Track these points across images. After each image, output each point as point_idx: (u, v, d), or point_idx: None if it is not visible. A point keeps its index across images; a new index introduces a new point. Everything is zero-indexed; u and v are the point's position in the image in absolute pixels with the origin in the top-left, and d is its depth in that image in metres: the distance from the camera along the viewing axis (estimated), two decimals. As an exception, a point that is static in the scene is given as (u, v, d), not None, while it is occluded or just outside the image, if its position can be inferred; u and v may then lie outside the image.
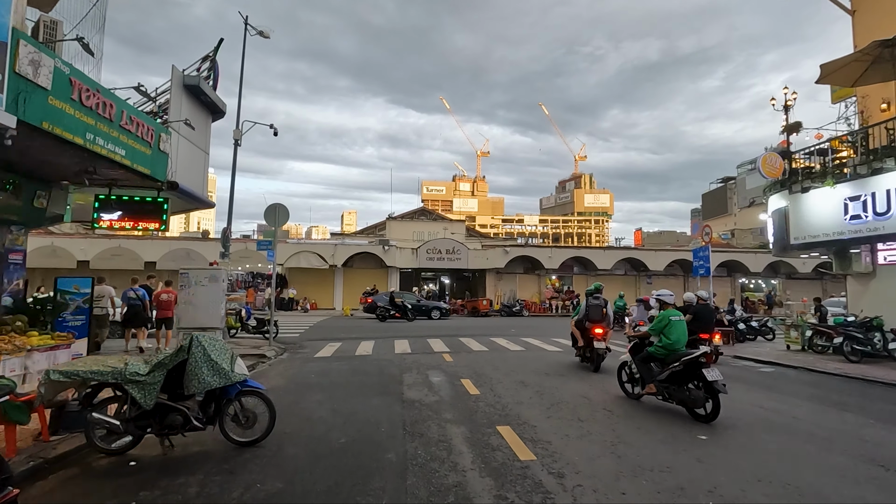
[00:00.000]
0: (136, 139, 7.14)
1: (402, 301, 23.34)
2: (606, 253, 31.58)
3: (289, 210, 13.10)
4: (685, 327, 6.41)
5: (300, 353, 12.09)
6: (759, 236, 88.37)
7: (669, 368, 6.07)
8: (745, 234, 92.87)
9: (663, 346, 6.26)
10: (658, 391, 6.29)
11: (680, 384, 5.99)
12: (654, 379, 6.32)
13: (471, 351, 12.01)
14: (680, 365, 5.93)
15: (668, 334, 6.24)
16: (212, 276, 8.87)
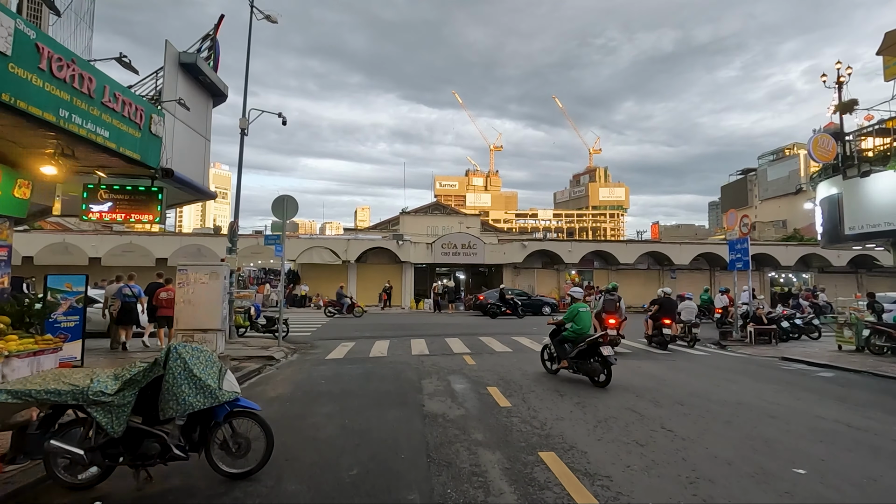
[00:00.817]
0: (122, 119, 6.35)
1: (513, 298, 23.62)
2: (628, 247, 30.35)
3: (297, 202, 12.32)
4: (590, 316, 8.30)
5: (311, 354, 11.32)
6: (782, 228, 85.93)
7: (578, 347, 7.75)
8: (767, 226, 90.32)
9: (574, 331, 7.97)
10: (569, 365, 7.93)
11: (585, 359, 7.67)
12: (567, 356, 7.93)
13: (493, 352, 11.12)
14: (585, 344, 7.63)
15: (577, 322, 8.01)
16: (213, 273, 8.12)
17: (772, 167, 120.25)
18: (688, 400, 6.63)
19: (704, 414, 5.89)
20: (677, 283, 30.71)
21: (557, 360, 8.24)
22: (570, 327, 8.04)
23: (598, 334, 7.70)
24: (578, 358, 7.74)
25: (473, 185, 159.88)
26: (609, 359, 7.36)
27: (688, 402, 6.51)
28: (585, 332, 7.88)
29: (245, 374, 8.56)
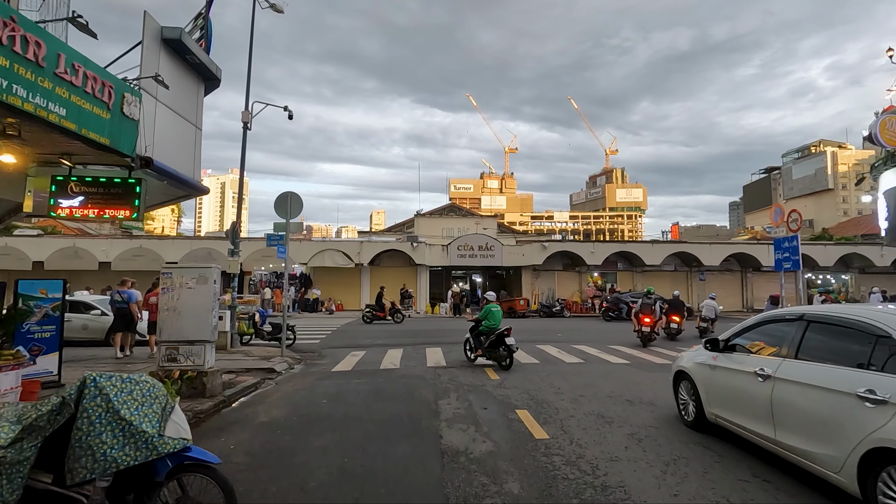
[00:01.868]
0: (84, 96, 5.38)
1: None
2: (654, 247, 28.81)
3: (302, 200, 11.34)
4: (500, 314, 9.88)
5: (316, 365, 10.29)
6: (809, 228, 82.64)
7: (489, 339, 9.37)
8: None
9: (487, 326, 9.61)
10: (483, 354, 9.56)
11: (495, 348, 9.30)
12: (482, 346, 9.55)
13: (518, 364, 9.95)
14: (494, 336, 9.29)
15: (489, 319, 9.63)
16: (200, 276, 7.15)
17: (797, 165, 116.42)
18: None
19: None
20: (706, 285, 29.10)
21: (474, 350, 9.83)
22: (485, 323, 9.69)
23: (503, 328, 9.41)
24: (490, 348, 9.44)
25: (488, 187, 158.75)
26: (511, 347, 9.19)
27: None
28: (496, 327, 9.56)
29: (239, 391, 7.54)
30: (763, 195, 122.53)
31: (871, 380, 3.28)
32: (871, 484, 3.09)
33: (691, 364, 5.57)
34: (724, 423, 4.84)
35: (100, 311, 13.44)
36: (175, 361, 7.07)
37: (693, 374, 5.43)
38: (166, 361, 7.06)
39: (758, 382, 4.21)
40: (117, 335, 11.28)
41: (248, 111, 12.94)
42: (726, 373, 4.82)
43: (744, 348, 4.80)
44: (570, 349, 12.10)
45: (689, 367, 5.57)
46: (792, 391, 3.88)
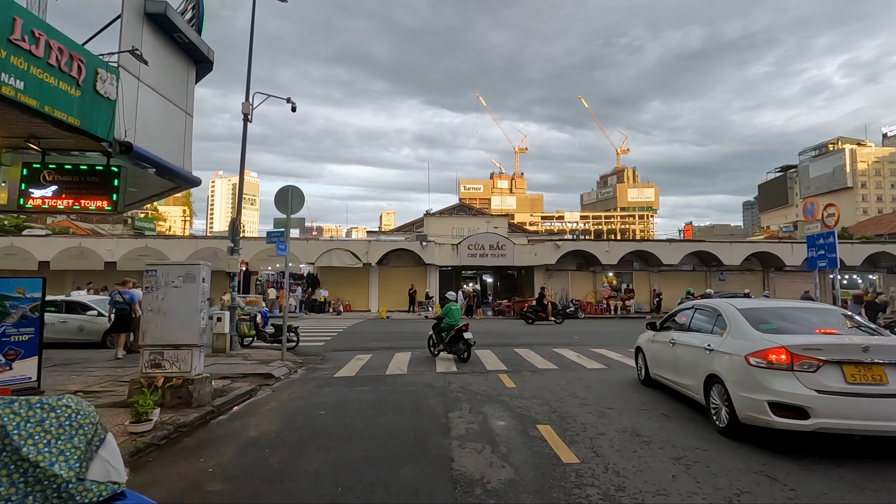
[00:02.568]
0: (47, 69, 4.75)
1: None
2: (672, 246, 27.81)
3: (304, 194, 10.69)
4: (460, 312, 10.60)
5: (318, 370, 9.63)
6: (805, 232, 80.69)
7: (450, 335, 10.11)
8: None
9: (447, 323, 10.30)
10: (445, 348, 10.28)
11: (455, 343, 10.07)
12: (443, 341, 10.29)
13: (535, 369, 9.19)
14: (454, 332, 10.03)
15: (449, 317, 10.32)
16: (188, 275, 6.51)
17: (814, 163, 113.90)
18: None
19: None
20: (726, 286, 28.03)
21: (437, 345, 10.61)
22: (445, 321, 10.41)
23: (462, 324, 10.17)
24: (450, 342, 10.19)
25: (498, 187, 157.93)
26: (469, 341, 9.97)
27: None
28: (455, 324, 10.23)
29: (231, 400, 6.89)
30: (779, 194, 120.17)
31: (709, 339, 5.71)
32: (707, 395, 5.50)
33: (643, 341, 7.91)
34: (658, 377, 7.14)
35: (96, 311, 12.94)
36: (159, 367, 6.43)
37: (643, 348, 7.78)
38: (150, 368, 6.42)
39: (669, 347, 6.68)
40: (119, 336, 10.82)
41: (249, 102, 12.33)
42: (658, 344, 7.18)
43: (667, 328, 7.14)
44: (590, 353, 11.30)
45: (641, 343, 7.97)
46: (682, 350, 6.30)
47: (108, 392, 7.22)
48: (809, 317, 5.48)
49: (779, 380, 4.54)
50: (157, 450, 4.91)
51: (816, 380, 4.44)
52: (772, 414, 4.50)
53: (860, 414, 4.29)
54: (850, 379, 4.40)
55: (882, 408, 4.30)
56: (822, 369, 4.46)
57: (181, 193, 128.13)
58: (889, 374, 4.40)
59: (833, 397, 4.35)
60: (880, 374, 4.40)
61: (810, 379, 4.46)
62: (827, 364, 4.46)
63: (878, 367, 4.42)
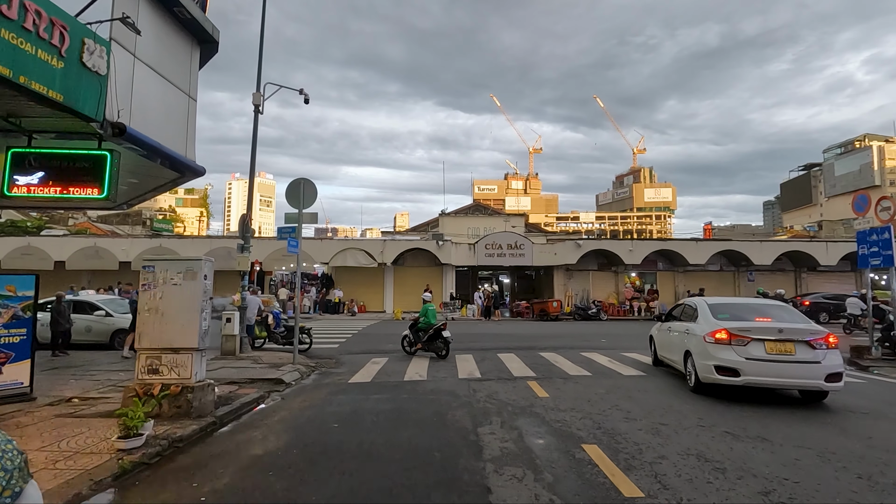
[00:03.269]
0: (23, 34, 4.17)
1: None
2: (699, 245, 26.66)
3: (316, 188, 10.08)
4: (436, 312, 11.20)
5: (332, 375, 8.98)
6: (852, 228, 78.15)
7: (429, 334, 10.58)
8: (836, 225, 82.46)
9: (425, 323, 10.80)
10: (423, 346, 10.69)
11: (433, 341, 10.57)
12: (421, 340, 10.70)
13: (567, 376, 8.40)
14: (433, 331, 10.53)
15: (427, 317, 10.83)
16: (188, 271, 5.90)
17: (839, 161, 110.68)
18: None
19: None
20: (756, 286, 26.78)
21: (414, 344, 10.96)
22: (423, 321, 10.79)
23: (440, 323, 10.60)
24: (429, 341, 10.53)
25: (513, 188, 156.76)
26: (448, 339, 10.46)
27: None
28: (433, 323, 10.62)
29: (235, 409, 6.26)
30: (802, 193, 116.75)
31: (688, 325, 7.59)
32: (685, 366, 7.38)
33: (653, 330, 9.60)
34: (663, 358, 8.90)
35: (104, 311, 12.50)
36: (157, 373, 5.82)
37: (653, 336, 9.50)
38: (146, 374, 5.82)
39: (667, 333, 8.59)
40: (129, 335, 10.38)
41: (260, 93, 11.78)
42: (661, 332, 8.99)
43: (668, 319, 8.86)
44: (623, 358, 10.47)
45: (653, 332, 9.64)
46: (674, 335, 8.17)
47: (105, 399, 6.65)
48: (758, 309, 7.40)
49: (721, 350, 6.53)
50: (147, 469, 4.28)
51: (746, 350, 6.40)
52: (716, 373, 6.51)
53: (774, 373, 6.30)
54: (769, 350, 6.35)
55: (790, 370, 6.31)
56: (750, 343, 6.41)
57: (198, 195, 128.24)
58: (797, 347, 6.32)
59: (756, 362, 6.32)
60: (791, 348, 6.33)
61: (742, 350, 6.41)
62: (753, 340, 6.41)
63: (790, 343, 6.35)
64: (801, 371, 6.23)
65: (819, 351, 6.25)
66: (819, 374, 6.17)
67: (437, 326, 10.52)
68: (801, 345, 6.28)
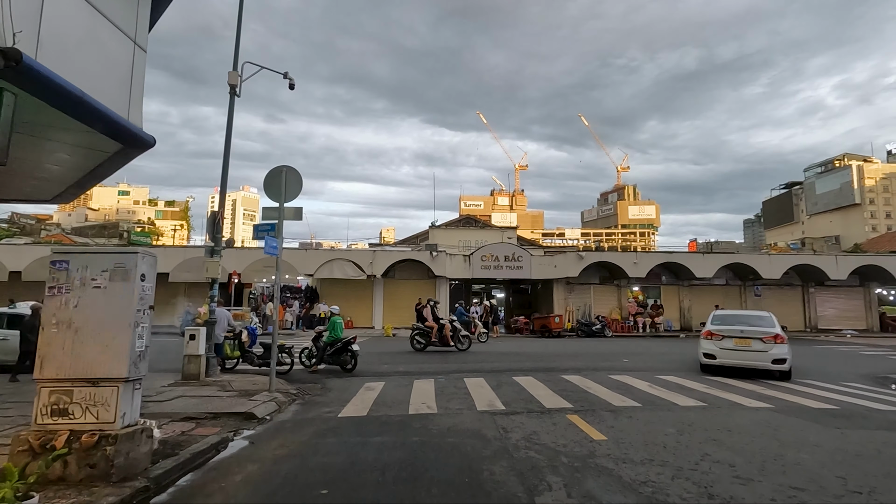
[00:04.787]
0: None
1: None
2: (706, 258, 25.42)
3: (302, 178, 8.42)
4: (342, 325, 11.05)
5: (317, 405, 7.21)
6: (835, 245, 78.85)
7: (335, 347, 10.39)
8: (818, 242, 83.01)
9: (331, 337, 10.54)
10: (326, 360, 10.47)
11: (340, 354, 10.40)
12: (325, 355, 10.46)
13: (612, 408, 6.76)
14: (341, 344, 10.38)
15: (334, 330, 10.58)
16: (117, 268, 4.18)
17: (820, 180, 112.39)
18: None
19: None
20: (762, 301, 25.66)
21: (313, 356, 10.69)
22: (330, 334, 10.52)
23: (350, 337, 10.56)
24: (335, 354, 10.40)
25: (499, 204, 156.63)
26: (356, 353, 10.46)
27: None
28: (339, 337, 10.50)
29: (183, 463, 4.47)
30: (784, 211, 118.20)
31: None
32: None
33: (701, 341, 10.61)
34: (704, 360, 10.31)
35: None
36: (65, 416, 4.03)
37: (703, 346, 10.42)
38: (49, 416, 4.03)
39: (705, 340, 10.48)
40: None
41: (237, 72, 10.14)
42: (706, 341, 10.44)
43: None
44: (663, 382, 8.90)
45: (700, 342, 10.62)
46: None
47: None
48: (742, 319, 10.75)
49: (707, 344, 10.12)
50: None
51: (720, 344, 9.88)
52: (703, 358, 10.11)
53: (736, 358, 9.71)
54: (735, 343, 9.74)
55: (747, 356, 9.64)
56: (723, 339, 9.88)
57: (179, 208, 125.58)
58: (753, 343, 9.58)
59: (726, 350, 9.80)
60: (748, 343, 9.63)
61: (718, 343, 9.91)
62: (725, 338, 9.86)
63: (749, 340, 9.66)
64: (754, 357, 9.58)
65: (768, 345, 9.49)
66: (767, 359, 9.46)
67: (347, 339, 10.40)
68: (756, 341, 9.58)
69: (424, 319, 24.57)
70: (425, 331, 15.23)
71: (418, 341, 15.22)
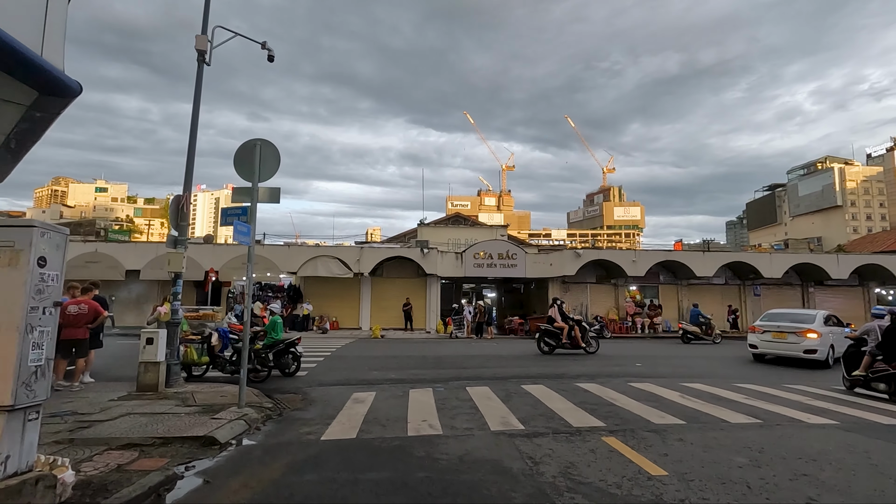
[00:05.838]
0: None
1: None
2: (706, 256, 24.61)
3: (279, 154, 7.16)
4: (283, 326, 10.18)
5: (295, 423, 5.96)
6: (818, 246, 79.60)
7: (277, 348, 9.56)
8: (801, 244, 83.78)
9: (272, 339, 9.61)
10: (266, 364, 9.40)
11: (282, 357, 9.70)
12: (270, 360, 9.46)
13: (654, 427, 5.63)
14: (283, 345, 9.64)
15: (275, 331, 9.68)
16: (3, 246, 2.93)
17: (803, 182, 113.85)
18: None
19: None
20: (762, 301, 24.99)
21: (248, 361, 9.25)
22: (271, 335, 9.69)
23: (294, 337, 10.01)
24: (277, 357, 9.67)
25: (486, 204, 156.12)
26: (300, 355, 10.10)
27: None
28: (279, 338, 9.69)
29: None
30: (768, 213, 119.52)
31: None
32: None
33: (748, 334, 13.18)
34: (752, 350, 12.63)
35: None
36: (-85, 462, 2.74)
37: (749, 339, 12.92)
38: None
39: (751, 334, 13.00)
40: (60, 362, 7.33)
41: (206, 36, 8.81)
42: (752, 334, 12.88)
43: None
44: (695, 392, 7.83)
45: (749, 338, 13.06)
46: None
47: None
48: (786, 315, 12.88)
49: (751, 336, 12.68)
50: None
51: (762, 337, 12.26)
52: (749, 348, 12.66)
53: (773, 348, 12.05)
54: (773, 336, 11.99)
55: (782, 346, 11.83)
56: (764, 333, 12.23)
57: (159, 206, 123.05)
58: (788, 336, 11.64)
59: (766, 342, 12.18)
60: (784, 336, 11.76)
61: (760, 336, 12.31)
62: (766, 331, 12.20)
63: (784, 333, 11.80)
64: (787, 347, 11.69)
65: (800, 337, 11.44)
66: (798, 349, 11.47)
67: (292, 341, 9.88)
68: (791, 334, 11.62)
69: (410, 319, 23.47)
70: (555, 332, 13.89)
71: (547, 343, 13.98)
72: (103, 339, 8.77)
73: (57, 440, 4.97)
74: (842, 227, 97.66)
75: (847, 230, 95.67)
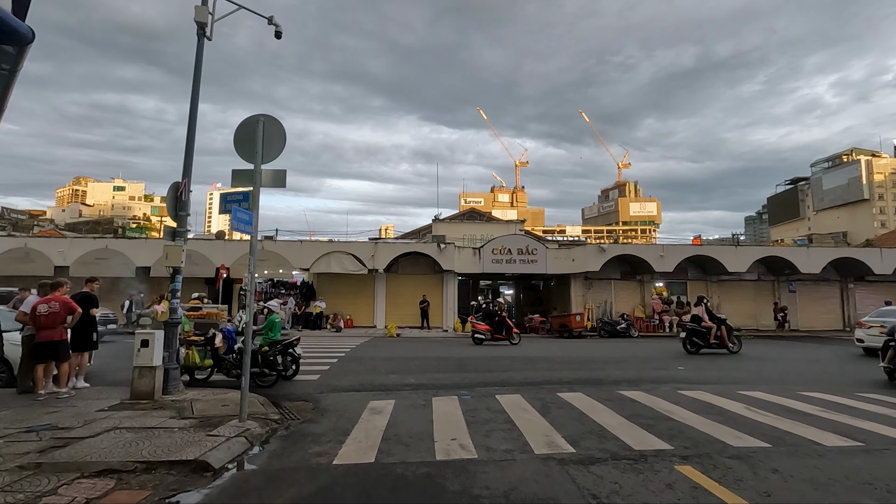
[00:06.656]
0: None
1: None
2: (738, 251, 23.27)
3: (285, 131, 6.31)
4: (280, 325, 9.42)
5: (304, 441, 5.11)
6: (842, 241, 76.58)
7: (275, 349, 8.76)
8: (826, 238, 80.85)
9: (269, 339, 8.91)
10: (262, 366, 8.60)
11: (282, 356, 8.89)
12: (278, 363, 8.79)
13: (733, 450, 4.66)
14: (282, 347, 8.87)
15: (273, 331, 9.04)
16: None
17: (827, 175, 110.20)
18: None
19: None
20: (798, 298, 23.62)
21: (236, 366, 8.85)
22: (269, 335, 9.03)
23: (293, 338, 9.24)
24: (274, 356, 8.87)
25: (499, 201, 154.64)
26: (299, 356, 9.29)
27: None
28: (276, 338, 8.99)
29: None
30: (790, 207, 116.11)
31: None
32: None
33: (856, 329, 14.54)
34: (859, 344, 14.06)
35: None
36: None
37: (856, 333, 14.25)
38: None
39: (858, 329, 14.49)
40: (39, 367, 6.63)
41: (206, 7, 8.00)
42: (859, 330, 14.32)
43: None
44: (755, 401, 6.82)
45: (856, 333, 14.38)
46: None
47: None
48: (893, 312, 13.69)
49: (858, 331, 14.12)
50: None
51: (867, 332, 13.53)
52: (856, 342, 14.11)
53: (874, 341, 12.43)
54: (878, 331, 12.36)
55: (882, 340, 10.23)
56: (870, 328, 13.45)
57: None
58: None
59: (871, 336, 13.16)
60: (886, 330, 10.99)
61: (866, 331, 13.64)
62: (871, 327, 13.37)
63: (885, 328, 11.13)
64: None
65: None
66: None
67: (290, 341, 9.19)
68: None
69: (426, 317, 22.59)
70: (701, 331, 13.43)
71: (694, 343, 13.61)
72: (97, 340, 8.03)
73: (22, 464, 4.20)
74: (868, 222, 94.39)
75: (874, 224, 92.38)
